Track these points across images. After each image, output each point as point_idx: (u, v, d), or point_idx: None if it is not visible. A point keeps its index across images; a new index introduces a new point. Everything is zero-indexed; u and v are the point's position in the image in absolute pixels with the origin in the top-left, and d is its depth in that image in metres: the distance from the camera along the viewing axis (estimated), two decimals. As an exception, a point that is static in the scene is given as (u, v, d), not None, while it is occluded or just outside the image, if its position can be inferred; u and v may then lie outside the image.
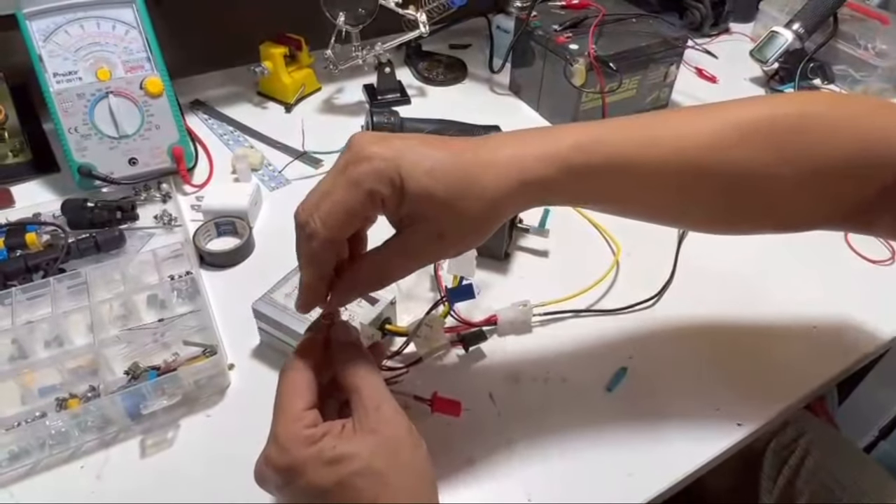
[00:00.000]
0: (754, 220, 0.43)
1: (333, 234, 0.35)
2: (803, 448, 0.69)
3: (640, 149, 0.38)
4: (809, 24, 0.90)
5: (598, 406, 0.50)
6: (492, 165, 0.36)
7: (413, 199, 0.34)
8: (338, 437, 0.34)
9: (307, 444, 0.34)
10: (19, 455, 0.45)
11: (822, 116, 0.40)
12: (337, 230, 0.35)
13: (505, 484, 0.45)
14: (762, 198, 0.41)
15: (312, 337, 0.40)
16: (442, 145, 0.36)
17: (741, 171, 0.39)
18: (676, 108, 0.40)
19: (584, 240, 0.67)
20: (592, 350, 0.49)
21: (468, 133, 0.74)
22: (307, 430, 0.34)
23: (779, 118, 0.39)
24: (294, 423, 0.35)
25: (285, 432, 0.35)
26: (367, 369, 0.37)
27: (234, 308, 0.55)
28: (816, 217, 0.43)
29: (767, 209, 0.42)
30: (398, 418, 0.36)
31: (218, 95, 0.88)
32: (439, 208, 0.35)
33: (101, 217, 0.63)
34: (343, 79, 0.92)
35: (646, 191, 0.40)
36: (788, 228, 0.45)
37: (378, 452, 0.34)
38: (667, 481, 0.46)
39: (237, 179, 0.72)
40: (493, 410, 0.50)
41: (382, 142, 0.36)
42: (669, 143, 0.39)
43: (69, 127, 0.65)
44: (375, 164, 0.34)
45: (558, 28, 0.81)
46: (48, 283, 0.54)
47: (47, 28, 0.63)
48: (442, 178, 0.35)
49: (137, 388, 0.46)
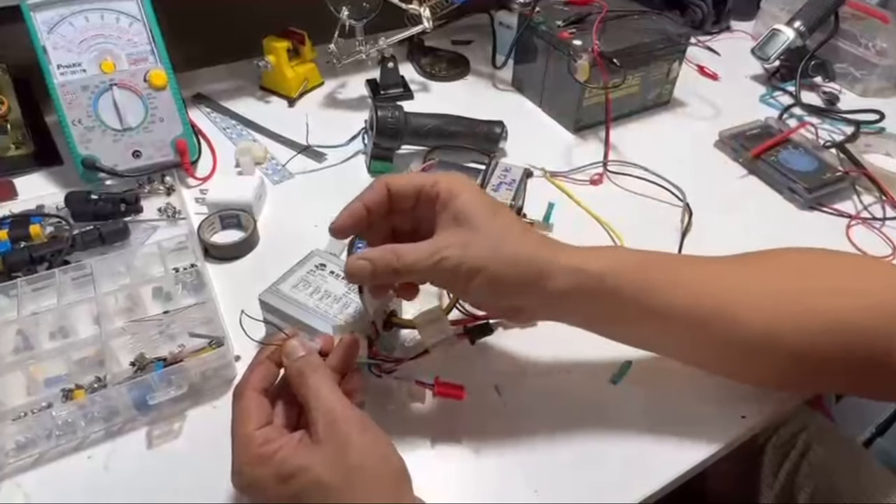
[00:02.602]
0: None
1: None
2: (804, 443, 0.69)
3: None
4: (810, 22, 0.91)
5: (602, 399, 0.50)
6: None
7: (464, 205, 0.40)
8: (292, 450, 0.36)
9: (260, 463, 0.36)
10: (26, 445, 0.45)
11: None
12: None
13: (511, 476, 0.45)
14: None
15: (259, 361, 0.41)
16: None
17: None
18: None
19: (587, 233, 0.67)
20: (597, 343, 0.49)
21: (471, 128, 0.74)
22: (259, 450, 0.36)
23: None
24: (247, 446, 0.37)
25: (239, 456, 0.37)
26: (316, 380, 0.38)
27: (239, 300, 0.55)
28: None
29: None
30: (349, 422, 0.37)
31: (221, 89, 0.88)
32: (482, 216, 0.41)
33: (104, 209, 0.63)
34: (345, 74, 0.92)
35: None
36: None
37: (326, 462, 0.35)
38: (671, 473, 0.46)
39: (241, 173, 0.72)
40: (499, 402, 0.50)
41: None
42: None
43: (73, 119, 0.65)
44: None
45: (562, 24, 0.81)
46: (53, 275, 0.54)
47: (52, 20, 0.63)
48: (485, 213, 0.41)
49: (144, 379, 0.46)
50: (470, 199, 0.41)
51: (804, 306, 0.43)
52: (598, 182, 0.74)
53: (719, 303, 0.43)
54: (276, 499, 0.36)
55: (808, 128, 0.83)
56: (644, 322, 0.45)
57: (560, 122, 0.85)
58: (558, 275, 0.42)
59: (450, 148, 0.72)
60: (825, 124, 0.86)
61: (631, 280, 0.43)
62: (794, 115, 0.89)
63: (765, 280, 0.45)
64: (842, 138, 0.81)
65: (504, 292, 0.42)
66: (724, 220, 0.69)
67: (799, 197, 0.72)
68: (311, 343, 0.41)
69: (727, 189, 0.75)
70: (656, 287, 0.43)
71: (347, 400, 0.38)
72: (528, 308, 0.45)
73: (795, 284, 0.44)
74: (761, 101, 0.93)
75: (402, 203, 0.43)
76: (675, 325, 0.44)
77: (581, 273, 0.42)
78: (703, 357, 0.47)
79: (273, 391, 0.41)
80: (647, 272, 0.44)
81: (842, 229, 0.69)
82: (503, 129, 0.76)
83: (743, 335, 0.43)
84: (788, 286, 0.44)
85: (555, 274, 0.41)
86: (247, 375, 0.40)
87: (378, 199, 0.43)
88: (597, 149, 0.79)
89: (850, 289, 0.44)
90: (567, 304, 0.44)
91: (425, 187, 0.42)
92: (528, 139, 0.80)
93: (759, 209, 0.73)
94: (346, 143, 0.76)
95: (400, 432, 0.38)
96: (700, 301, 0.43)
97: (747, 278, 0.45)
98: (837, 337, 0.42)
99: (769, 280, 0.45)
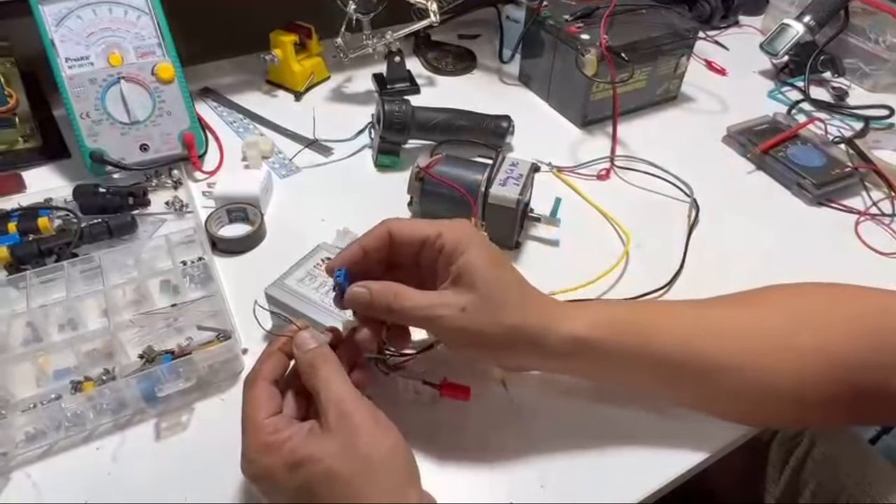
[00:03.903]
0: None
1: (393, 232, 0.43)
2: (809, 439, 0.69)
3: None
4: (820, 16, 0.90)
5: (609, 395, 0.50)
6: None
7: (467, 265, 0.41)
8: (302, 439, 0.36)
9: (270, 452, 0.36)
10: (36, 436, 0.45)
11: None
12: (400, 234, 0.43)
13: (518, 471, 0.46)
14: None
15: (270, 351, 0.41)
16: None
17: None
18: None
19: (594, 229, 0.67)
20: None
21: (478, 123, 0.74)
22: (269, 438, 0.36)
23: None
24: (256, 434, 0.37)
25: (249, 443, 0.37)
26: (327, 370, 0.39)
27: (246, 294, 0.55)
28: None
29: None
30: (360, 413, 0.37)
31: (227, 83, 0.88)
32: (483, 279, 0.41)
33: (112, 203, 0.63)
34: (352, 68, 0.91)
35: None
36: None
37: (336, 452, 0.36)
38: (679, 468, 0.46)
39: (248, 167, 0.72)
40: (506, 398, 0.50)
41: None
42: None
43: (81, 112, 0.65)
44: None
45: (569, 18, 0.81)
46: (62, 268, 0.54)
47: (59, 13, 0.63)
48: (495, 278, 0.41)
49: (153, 372, 0.46)
50: (473, 259, 0.41)
51: (794, 346, 0.43)
52: (605, 177, 0.74)
53: (711, 352, 0.44)
54: (284, 487, 0.36)
55: (816, 123, 0.83)
56: (644, 376, 0.45)
57: (567, 116, 0.84)
58: (554, 343, 0.42)
59: (456, 142, 0.72)
60: (834, 120, 0.86)
61: (625, 340, 0.43)
62: (803, 110, 0.88)
63: (754, 325, 0.45)
64: (851, 134, 0.81)
65: (500, 357, 0.44)
66: (731, 216, 0.69)
67: (807, 193, 0.72)
68: (322, 335, 0.42)
69: (735, 185, 0.75)
70: (652, 342, 0.44)
71: (357, 391, 0.38)
72: (527, 367, 0.47)
73: (785, 327, 0.45)
74: (769, 96, 0.92)
75: (404, 249, 0.43)
76: (677, 377, 0.44)
77: (577, 342, 0.42)
78: (709, 406, 0.47)
79: (283, 382, 0.41)
80: (642, 328, 0.44)
81: (850, 226, 0.69)
82: (510, 123, 0.75)
83: (745, 384, 0.44)
84: (778, 330, 0.45)
85: (550, 343, 0.42)
86: (258, 365, 0.41)
87: (378, 245, 0.43)
88: (604, 144, 0.79)
89: (832, 323, 0.44)
90: (563, 366, 0.46)
91: (429, 239, 0.42)
92: (534, 134, 0.80)
93: (767, 205, 0.72)
94: (352, 137, 0.76)
95: (406, 425, 0.38)
96: (693, 351, 0.44)
97: (737, 322, 0.46)
98: (835, 374, 0.43)
99: (759, 324, 0.45)
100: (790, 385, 0.43)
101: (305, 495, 0.36)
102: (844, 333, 0.43)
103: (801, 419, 0.50)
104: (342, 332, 0.44)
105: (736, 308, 0.47)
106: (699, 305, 0.47)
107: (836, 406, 0.44)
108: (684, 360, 0.43)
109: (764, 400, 0.44)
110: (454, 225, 0.43)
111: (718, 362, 0.43)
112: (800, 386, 0.43)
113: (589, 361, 0.43)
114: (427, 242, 0.42)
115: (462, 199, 0.59)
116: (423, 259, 0.43)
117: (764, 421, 0.50)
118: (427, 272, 0.44)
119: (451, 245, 0.41)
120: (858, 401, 0.43)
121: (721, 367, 0.43)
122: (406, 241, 0.43)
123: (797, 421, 0.51)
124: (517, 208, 0.59)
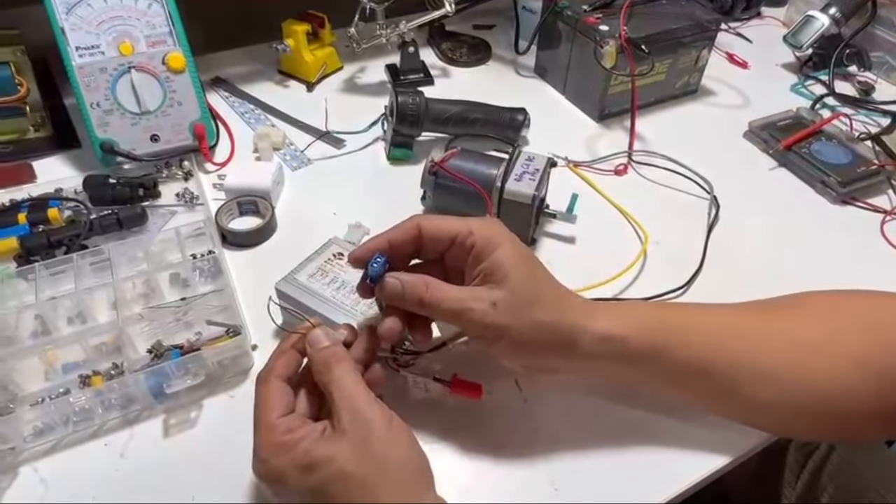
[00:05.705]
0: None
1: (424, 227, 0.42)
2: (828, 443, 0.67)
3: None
4: (846, 8, 0.87)
5: (625, 397, 0.49)
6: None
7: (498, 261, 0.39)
8: (316, 440, 0.35)
9: (283, 452, 0.35)
10: (43, 431, 0.45)
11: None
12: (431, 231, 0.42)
13: (530, 471, 0.45)
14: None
15: (283, 349, 0.41)
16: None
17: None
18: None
19: (611, 227, 0.65)
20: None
21: (493, 115, 0.73)
22: (282, 438, 0.36)
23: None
24: (269, 434, 0.36)
25: (261, 443, 0.36)
26: (340, 369, 0.38)
27: (257, 288, 0.54)
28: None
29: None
30: (373, 414, 0.36)
31: (239, 73, 0.87)
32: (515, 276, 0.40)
33: (122, 194, 0.62)
34: (365, 58, 0.90)
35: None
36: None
37: (350, 454, 0.35)
38: (696, 476, 0.45)
39: (259, 158, 0.71)
40: (519, 397, 0.49)
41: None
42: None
43: (91, 102, 0.64)
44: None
45: (588, 8, 0.79)
46: (71, 259, 0.54)
47: (70, 1, 0.62)
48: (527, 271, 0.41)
49: (161, 367, 0.46)
50: (504, 255, 0.40)
51: (834, 355, 0.42)
52: (623, 172, 0.72)
53: (747, 360, 0.42)
54: (296, 489, 0.35)
55: (841, 119, 0.80)
56: (674, 380, 0.44)
57: (584, 109, 0.83)
58: (585, 343, 0.41)
59: (471, 136, 0.70)
60: (860, 115, 0.83)
61: (658, 342, 0.42)
62: (828, 105, 0.86)
63: (792, 334, 0.44)
64: (877, 130, 0.78)
65: (528, 356, 0.42)
66: (752, 213, 0.67)
67: (831, 191, 0.70)
68: (336, 333, 0.41)
69: (756, 182, 0.73)
70: (684, 346, 0.42)
71: (371, 392, 0.37)
72: (552, 368, 0.45)
73: (825, 336, 0.43)
74: (793, 90, 0.90)
75: (433, 246, 0.42)
76: (708, 383, 0.43)
77: (611, 341, 0.41)
78: (742, 415, 0.46)
79: (296, 380, 0.40)
80: (675, 330, 0.43)
81: (876, 225, 0.67)
82: (526, 116, 0.74)
83: (784, 395, 0.42)
84: (817, 339, 0.43)
85: (582, 342, 0.41)
86: (271, 362, 0.40)
87: (406, 239, 0.42)
88: (622, 138, 0.77)
89: (873, 333, 0.43)
90: (594, 368, 0.44)
91: (460, 236, 0.41)
92: (550, 127, 0.78)
93: (789, 203, 0.71)
94: (365, 129, 0.74)
95: (418, 424, 0.37)
96: (728, 358, 0.42)
97: (774, 330, 0.44)
98: (878, 386, 0.41)
99: (797, 333, 0.44)
100: (831, 397, 0.41)
101: (318, 497, 0.35)
102: (886, 344, 0.42)
103: (843, 432, 0.48)
104: (357, 329, 0.43)
105: (772, 314, 0.45)
106: (733, 310, 0.46)
107: (877, 419, 0.43)
108: (718, 366, 0.42)
109: (804, 412, 0.43)
110: (485, 223, 0.42)
111: (753, 370, 0.42)
112: (843, 398, 0.41)
113: (619, 363, 0.42)
114: (457, 239, 0.41)
115: (476, 194, 0.58)
116: (449, 256, 0.42)
117: (804, 432, 0.49)
118: (452, 270, 0.43)
119: (482, 242, 0.40)
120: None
121: (756, 375, 0.42)
122: (435, 237, 0.42)
123: (838, 433, 0.49)
124: (533, 204, 0.57)
